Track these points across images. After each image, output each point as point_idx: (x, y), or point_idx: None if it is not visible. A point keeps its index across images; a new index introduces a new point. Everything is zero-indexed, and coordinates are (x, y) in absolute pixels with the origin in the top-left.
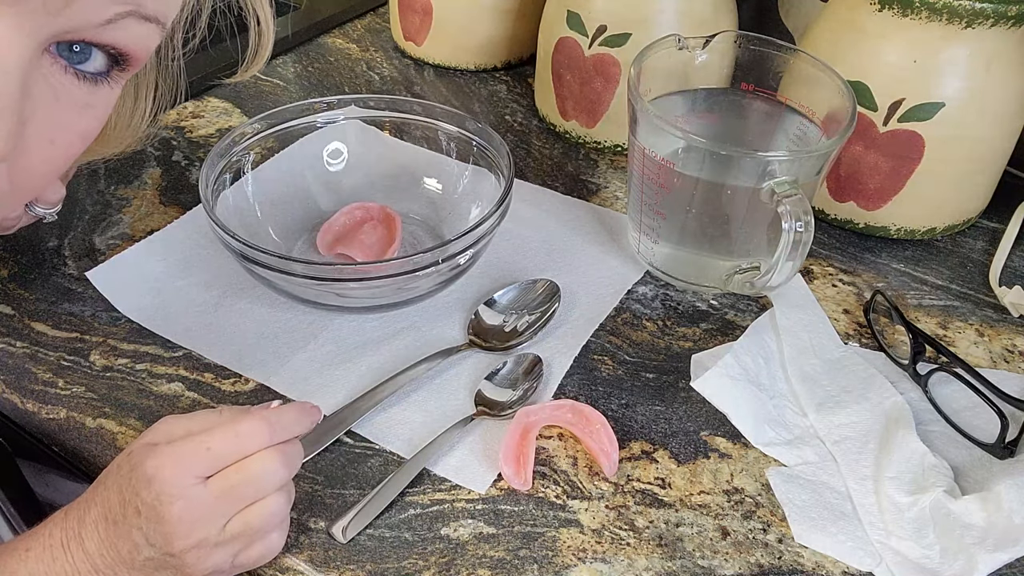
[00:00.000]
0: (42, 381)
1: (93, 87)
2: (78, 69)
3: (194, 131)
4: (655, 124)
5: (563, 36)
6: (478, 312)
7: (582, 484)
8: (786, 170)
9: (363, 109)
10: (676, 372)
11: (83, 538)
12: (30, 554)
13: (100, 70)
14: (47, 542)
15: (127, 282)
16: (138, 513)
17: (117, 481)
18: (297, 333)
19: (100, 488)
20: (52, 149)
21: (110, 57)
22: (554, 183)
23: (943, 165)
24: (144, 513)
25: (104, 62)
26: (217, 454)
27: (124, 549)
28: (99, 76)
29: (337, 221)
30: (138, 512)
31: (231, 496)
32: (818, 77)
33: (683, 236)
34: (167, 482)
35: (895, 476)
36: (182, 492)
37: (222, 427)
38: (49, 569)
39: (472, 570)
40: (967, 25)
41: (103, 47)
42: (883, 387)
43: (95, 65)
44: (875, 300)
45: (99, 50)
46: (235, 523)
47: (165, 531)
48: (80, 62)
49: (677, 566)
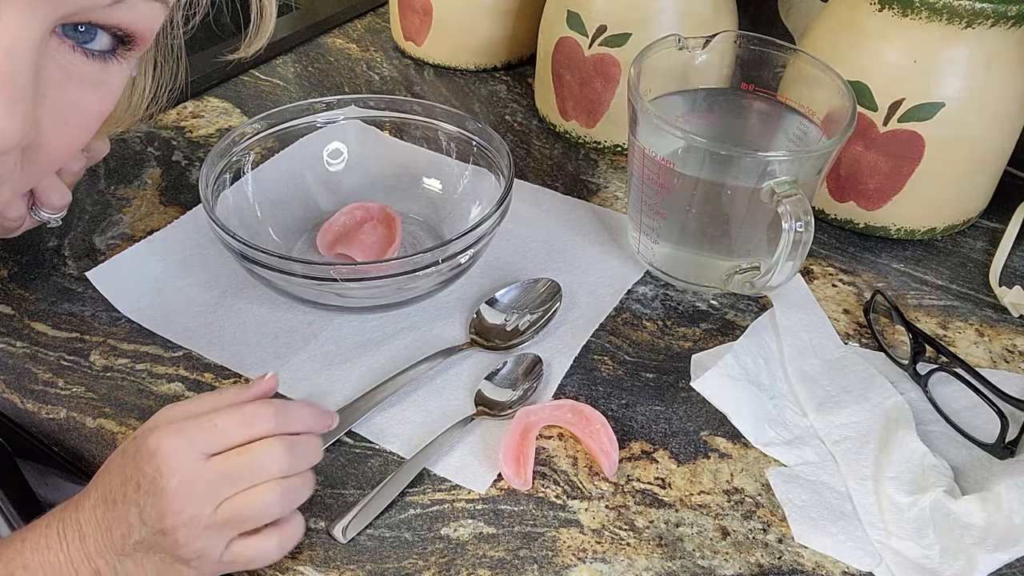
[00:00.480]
0: (42, 381)
1: (103, 64)
2: (85, 48)
3: (194, 131)
4: (655, 124)
5: (563, 36)
6: (480, 311)
7: (582, 484)
8: (786, 170)
9: (363, 109)
10: (676, 372)
11: (80, 524)
12: (26, 544)
13: (106, 49)
14: (43, 532)
15: (127, 282)
16: (138, 487)
17: (120, 463)
18: (297, 333)
19: (101, 475)
20: (67, 129)
21: (115, 37)
22: (554, 183)
23: (943, 165)
24: (144, 486)
25: (109, 41)
26: (223, 431)
27: (117, 533)
28: (106, 54)
29: (337, 221)
30: (138, 487)
31: (229, 477)
32: (818, 77)
33: (683, 236)
34: (171, 455)
35: (895, 476)
36: (184, 466)
37: (229, 407)
38: (43, 559)
39: (472, 570)
40: (967, 25)
41: (109, 28)
42: (883, 387)
43: (101, 44)
44: (875, 300)
45: (104, 31)
46: (226, 507)
47: (160, 505)
48: (86, 42)
49: (677, 566)
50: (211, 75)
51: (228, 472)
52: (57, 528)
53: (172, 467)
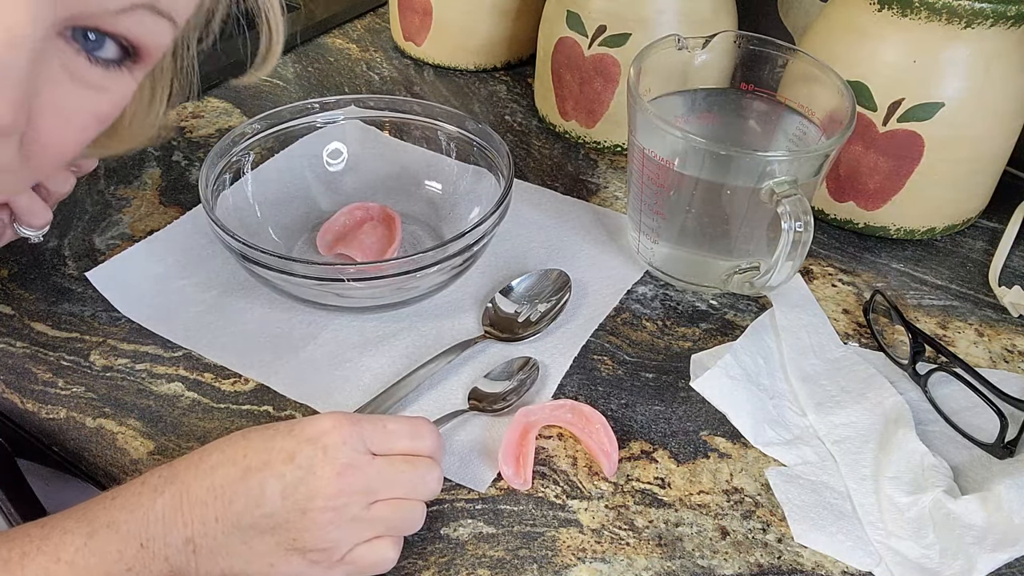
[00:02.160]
0: (42, 381)
1: (108, 72)
2: (92, 54)
3: (194, 131)
4: (655, 124)
5: (563, 36)
6: (494, 300)
7: (582, 484)
8: (785, 170)
9: (363, 109)
10: (676, 372)
11: (188, 484)
12: (115, 502)
13: (112, 58)
14: (138, 489)
15: (127, 282)
16: (290, 459)
17: (266, 435)
18: (297, 333)
19: (224, 443)
20: (66, 128)
21: (123, 48)
22: (554, 183)
23: (943, 165)
24: (298, 460)
25: (117, 52)
26: (392, 435)
27: (240, 503)
28: (112, 63)
29: (337, 221)
30: (290, 459)
31: (390, 480)
32: (818, 77)
33: (683, 236)
34: (341, 440)
35: (895, 476)
36: (350, 455)
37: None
38: (132, 516)
39: (472, 570)
40: (967, 25)
41: (116, 37)
42: (883, 387)
43: (108, 53)
44: (875, 300)
45: (112, 40)
46: (380, 508)
47: (314, 485)
48: (94, 49)
49: (677, 566)
50: (211, 75)
51: (391, 476)
52: (156, 486)
53: (338, 452)
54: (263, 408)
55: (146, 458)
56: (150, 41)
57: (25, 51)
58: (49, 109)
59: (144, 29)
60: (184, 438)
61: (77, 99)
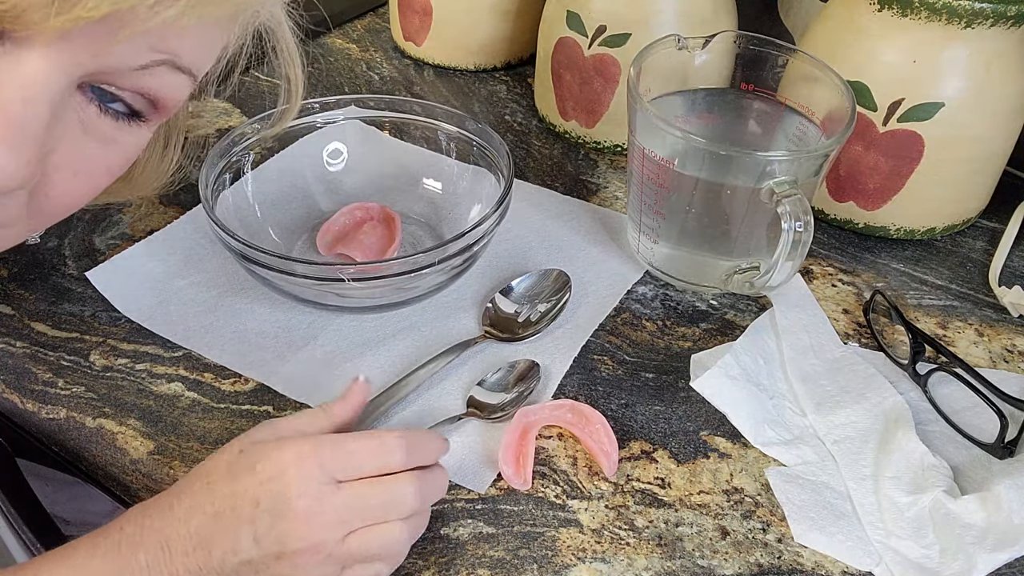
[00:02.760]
0: (42, 381)
1: (123, 124)
2: (108, 107)
3: (194, 131)
4: (655, 124)
5: (563, 36)
6: (494, 300)
7: (582, 484)
8: (785, 170)
9: (363, 109)
10: (676, 372)
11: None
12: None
13: (125, 112)
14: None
15: (127, 282)
16: (256, 504)
17: (230, 474)
18: (297, 333)
19: (194, 483)
20: (75, 180)
21: (141, 102)
22: (554, 183)
23: (943, 165)
24: (264, 504)
25: (134, 106)
26: (356, 460)
27: (218, 551)
28: (126, 116)
29: (337, 221)
30: (256, 503)
31: (360, 508)
32: (818, 77)
33: (683, 236)
34: (302, 475)
35: (895, 476)
36: (314, 489)
37: (362, 435)
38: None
39: (472, 570)
40: (967, 25)
41: (135, 92)
42: (883, 387)
43: (121, 106)
44: (875, 300)
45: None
46: (354, 539)
47: (284, 527)
48: (111, 101)
49: (677, 566)
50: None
51: (360, 504)
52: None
53: (301, 489)
54: (263, 408)
55: (146, 458)
56: (167, 95)
57: (43, 106)
58: (60, 163)
59: (163, 84)
60: (184, 438)
61: (90, 152)
